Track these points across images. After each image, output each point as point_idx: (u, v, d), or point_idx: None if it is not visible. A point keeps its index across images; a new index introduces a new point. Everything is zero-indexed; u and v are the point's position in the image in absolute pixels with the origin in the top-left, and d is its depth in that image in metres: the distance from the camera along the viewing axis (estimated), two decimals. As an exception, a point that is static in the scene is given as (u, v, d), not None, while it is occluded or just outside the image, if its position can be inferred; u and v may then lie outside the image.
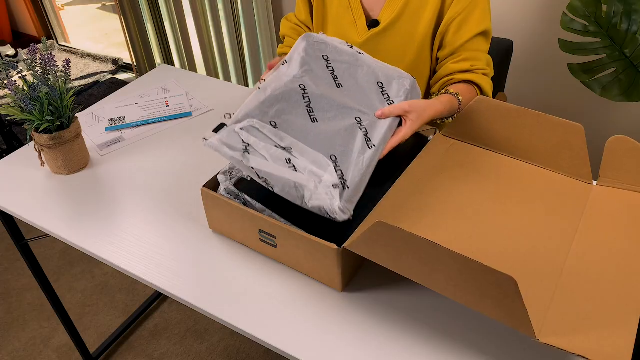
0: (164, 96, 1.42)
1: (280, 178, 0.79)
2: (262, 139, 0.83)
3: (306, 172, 0.80)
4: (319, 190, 0.78)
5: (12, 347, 1.77)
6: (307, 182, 0.79)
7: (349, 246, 0.77)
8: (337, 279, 0.85)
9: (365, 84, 0.93)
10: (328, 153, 0.83)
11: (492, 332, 0.80)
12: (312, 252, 0.83)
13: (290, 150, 0.82)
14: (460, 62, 1.12)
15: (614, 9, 1.36)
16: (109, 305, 1.89)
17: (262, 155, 0.81)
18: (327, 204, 0.77)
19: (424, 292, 0.86)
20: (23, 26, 3.66)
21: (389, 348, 0.78)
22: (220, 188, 0.93)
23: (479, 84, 1.12)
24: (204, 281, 0.90)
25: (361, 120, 0.88)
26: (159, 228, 1.01)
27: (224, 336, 1.74)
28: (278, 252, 0.90)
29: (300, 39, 0.97)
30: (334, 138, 0.85)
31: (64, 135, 1.11)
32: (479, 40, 1.13)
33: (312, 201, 0.78)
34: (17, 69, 1.08)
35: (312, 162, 0.81)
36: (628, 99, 1.40)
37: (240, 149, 0.82)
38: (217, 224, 0.97)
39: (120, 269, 0.95)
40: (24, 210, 1.08)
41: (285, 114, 0.86)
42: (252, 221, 0.88)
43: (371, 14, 1.20)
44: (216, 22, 2.40)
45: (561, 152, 0.95)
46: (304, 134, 0.84)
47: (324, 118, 0.87)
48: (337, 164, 0.82)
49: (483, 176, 0.96)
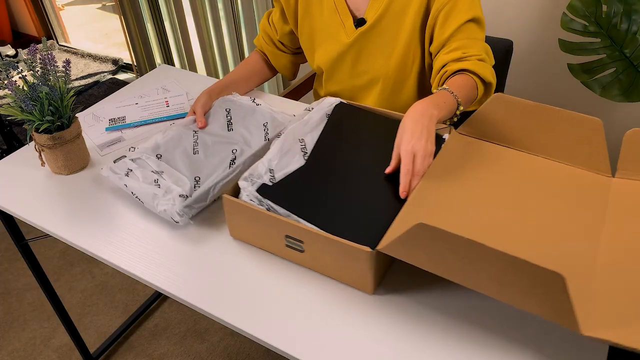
0: (164, 96, 1.42)
1: (145, 193, 1.00)
2: (142, 166, 1.06)
3: (164, 187, 1.01)
4: (165, 197, 0.98)
5: (12, 347, 1.77)
6: (160, 192, 0.99)
7: (384, 249, 0.76)
8: (369, 281, 0.83)
9: (254, 127, 1.16)
10: (194, 175, 1.03)
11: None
12: (343, 255, 0.82)
13: (162, 173, 1.04)
14: (451, 52, 1.11)
15: (614, 9, 1.36)
16: (109, 305, 1.89)
17: (137, 177, 1.04)
18: (169, 208, 0.96)
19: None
20: (23, 26, 3.66)
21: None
22: (242, 194, 0.92)
23: (474, 71, 1.07)
24: (203, 281, 0.90)
25: (235, 151, 1.09)
26: (159, 228, 1.01)
27: (224, 336, 1.74)
28: (305, 257, 0.88)
29: (216, 102, 1.24)
30: (207, 165, 1.06)
31: (64, 135, 1.11)
32: (469, 28, 1.11)
33: (159, 206, 0.98)
34: (17, 69, 1.08)
35: (174, 181, 1.02)
36: (628, 99, 1.40)
37: (123, 174, 1.05)
38: (239, 231, 0.95)
39: (120, 269, 0.95)
40: (24, 210, 1.08)
41: (172, 149, 1.10)
42: (279, 227, 0.87)
43: (357, 14, 1.22)
44: (216, 22, 2.40)
45: (580, 147, 0.94)
46: (184, 161, 1.06)
47: (205, 151, 1.09)
48: (197, 183, 1.02)
49: (504, 173, 0.95)
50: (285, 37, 1.35)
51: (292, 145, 1.01)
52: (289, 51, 1.38)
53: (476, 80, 1.08)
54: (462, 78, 1.07)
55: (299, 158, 0.99)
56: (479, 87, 1.09)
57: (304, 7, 1.27)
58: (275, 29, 1.35)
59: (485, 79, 1.09)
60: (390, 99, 1.28)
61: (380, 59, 1.23)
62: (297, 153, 1.00)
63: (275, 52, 1.37)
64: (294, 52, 1.39)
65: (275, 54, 1.37)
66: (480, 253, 0.66)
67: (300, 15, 1.28)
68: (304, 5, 1.27)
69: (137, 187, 1.02)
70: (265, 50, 1.38)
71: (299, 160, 0.99)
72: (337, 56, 1.27)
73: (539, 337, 0.78)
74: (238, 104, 1.24)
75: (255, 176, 0.94)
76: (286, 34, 1.34)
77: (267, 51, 1.38)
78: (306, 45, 1.33)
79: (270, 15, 1.36)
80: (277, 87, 2.54)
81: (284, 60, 1.39)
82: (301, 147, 1.01)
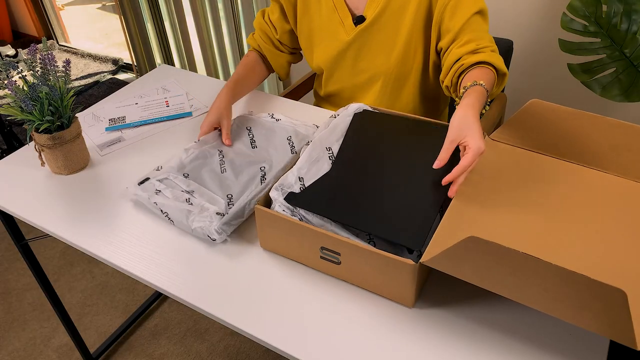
0: (164, 96, 1.42)
1: (177, 210, 0.99)
2: (171, 185, 1.05)
3: (197, 206, 0.99)
4: (201, 215, 0.97)
5: (12, 347, 1.77)
6: (195, 210, 0.98)
7: (429, 262, 0.74)
8: (410, 294, 0.81)
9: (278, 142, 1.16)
10: (225, 193, 1.02)
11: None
12: (383, 268, 0.80)
13: (193, 192, 1.03)
14: (465, 45, 1.09)
15: (614, 9, 1.36)
16: (109, 305, 1.89)
17: (167, 196, 1.02)
18: (207, 225, 0.95)
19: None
20: (23, 26, 3.66)
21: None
22: (275, 205, 0.90)
23: (491, 62, 1.06)
24: (203, 281, 0.90)
25: (264, 168, 1.08)
26: (159, 228, 1.01)
27: (224, 336, 1.74)
28: (341, 269, 0.86)
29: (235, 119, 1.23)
30: (237, 183, 1.05)
31: (64, 135, 1.11)
32: (477, 20, 1.10)
33: (194, 223, 0.96)
34: (17, 69, 1.08)
35: (207, 200, 1.01)
36: (628, 99, 1.40)
37: (152, 192, 1.03)
38: (270, 242, 0.93)
39: (120, 269, 0.95)
40: (24, 210, 1.08)
41: (198, 168, 1.09)
42: (314, 238, 0.85)
43: (356, 12, 1.23)
44: (216, 22, 2.40)
45: (620, 154, 0.92)
46: (214, 180, 1.06)
47: (233, 170, 1.08)
48: (230, 201, 1.01)
49: (543, 182, 0.93)
50: (285, 36, 1.34)
51: (320, 154, 1.00)
52: (287, 51, 1.38)
53: (493, 71, 1.07)
54: (481, 71, 1.05)
55: (327, 166, 0.98)
56: (495, 78, 1.08)
57: (302, 6, 1.27)
58: (274, 28, 1.34)
59: (501, 69, 1.08)
60: (391, 96, 1.27)
61: (381, 56, 1.22)
62: (325, 161, 0.99)
63: (274, 51, 1.37)
64: (292, 52, 1.39)
65: (274, 54, 1.37)
66: (534, 267, 0.64)
67: (299, 14, 1.28)
68: (302, 4, 1.26)
69: (169, 205, 1.00)
70: (264, 49, 1.37)
71: (328, 168, 0.98)
72: (337, 55, 1.27)
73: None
74: (258, 122, 1.23)
75: (286, 186, 0.92)
76: (286, 33, 1.34)
77: (265, 50, 1.37)
78: (305, 44, 1.33)
79: (266, 14, 1.35)
80: (277, 87, 2.54)
81: (282, 59, 1.38)
82: (329, 155, 1.01)
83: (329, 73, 1.32)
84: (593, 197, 0.89)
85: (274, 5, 1.32)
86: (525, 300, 0.70)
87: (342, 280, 0.88)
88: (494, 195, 0.89)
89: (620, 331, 0.64)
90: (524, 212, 0.86)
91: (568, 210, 0.86)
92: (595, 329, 0.67)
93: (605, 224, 0.84)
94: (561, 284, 0.64)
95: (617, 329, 0.64)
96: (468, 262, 0.70)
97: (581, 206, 0.87)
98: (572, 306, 0.66)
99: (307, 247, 0.87)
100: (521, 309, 0.82)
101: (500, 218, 0.85)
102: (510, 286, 0.69)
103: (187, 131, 1.29)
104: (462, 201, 0.87)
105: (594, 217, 0.85)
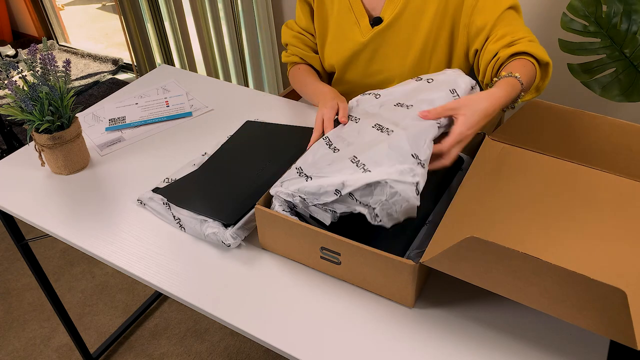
0: (164, 96, 1.42)
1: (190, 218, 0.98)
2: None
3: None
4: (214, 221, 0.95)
5: (12, 347, 1.77)
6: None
7: (428, 262, 0.74)
8: (410, 295, 0.81)
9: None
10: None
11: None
12: (383, 268, 0.80)
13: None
14: (499, 39, 1.04)
15: (614, 9, 1.36)
16: (109, 305, 1.89)
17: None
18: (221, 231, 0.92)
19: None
20: (23, 26, 3.66)
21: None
22: (274, 204, 0.90)
23: (529, 52, 1.00)
24: (203, 281, 0.90)
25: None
26: (159, 228, 1.01)
27: (224, 336, 1.74)
28: (341, 270, 0.86)
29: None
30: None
31: (64, 135, 1.11)
32: (510, 14, 1.06)
33: (208, 229, 0.94)
34: (17, 69, 1.08)
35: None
36: (628, 99, 1.40)
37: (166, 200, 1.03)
38: (270, 242, 0.93)
39: (120, 269, 0.95)
40: (24, 210, 1.08)
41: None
42: (315, 238, 0.85)
43: (373, 13, 1.20)
44: (216, 22, 2.40)
45: (620, 154, 0.92)
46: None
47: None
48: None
49: (543, 181, 0.93)
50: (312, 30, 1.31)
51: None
52: None
53: (533, 62, 1.01)
54: (519, 62, 1.00)
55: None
56: (537, 68, 1.02)
57: (317, 3, 1.25)
58: (309, 34, 1.30)
59: (542, 58, 1.02)
60: None
61: (396, 58, 1.20)
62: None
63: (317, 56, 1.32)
64: None
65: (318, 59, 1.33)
66: (534, 267, 0.64)
67: (316, 11, 1.26)
68: (318, 2, 1.25)
69: (183, 212, 0.99)
70: (308, 58, 1.31)
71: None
72: (351, 55, 1.24)
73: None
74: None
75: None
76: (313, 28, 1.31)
77: (311, 59, 1.32)
78: (318, 43, 1.31)
79: (294, 27, 1.31)
80: (277, 88, 2.54)
81: None
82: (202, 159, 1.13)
83: (340, 73, 1.30)
84: (593, 197, 0.89)
85: (298, 14, 1.29)
86: (525, 300, 0.70)
87: (342, 280, 0.88)
88: (494, 195, 0.89)
89: (620, 331, 0.64)
90: (524, 212, 0.86)
91: (568, 210, 0.86)
92: (595, 329, 0.67)
93: (605, 224, 0.84)
94: (561, 284, 0.64)
95: (617, 329, 0.64)
96: (468, 262, 0.70)
97: (581, 206, 0.87)
98: (572, 306, 0.66)
99: (307, 247, 0.87)
100: (521, 309, 0.82)
101: (500, 218, 0.85)
102: (510, 286, 0.69)
103: (187, 131, 1.29)
104: (462, 201, 0.87)
105: (594, 217, 0.85)
